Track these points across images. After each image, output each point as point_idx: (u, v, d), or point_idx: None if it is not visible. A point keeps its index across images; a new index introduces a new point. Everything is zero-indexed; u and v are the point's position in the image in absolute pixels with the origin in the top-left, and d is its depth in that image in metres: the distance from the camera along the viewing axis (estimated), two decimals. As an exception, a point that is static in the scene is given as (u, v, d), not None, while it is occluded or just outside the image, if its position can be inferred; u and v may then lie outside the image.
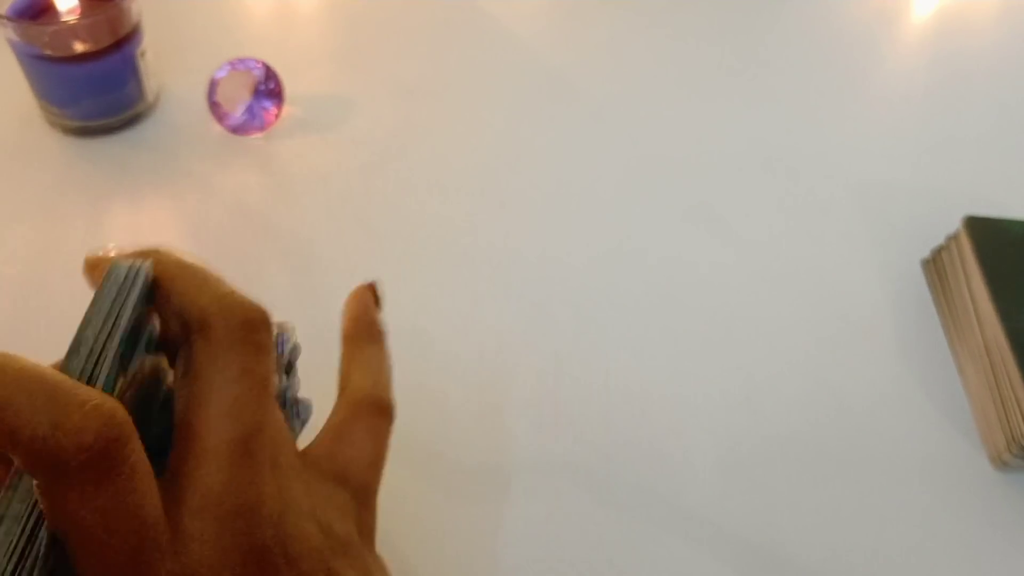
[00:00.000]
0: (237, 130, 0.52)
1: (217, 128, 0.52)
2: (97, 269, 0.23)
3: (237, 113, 0.51)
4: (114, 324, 0.20)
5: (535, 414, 0.41)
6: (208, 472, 0.20)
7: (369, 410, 0.26)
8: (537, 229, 0.49)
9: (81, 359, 0.20)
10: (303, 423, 0.27)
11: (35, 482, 0.18)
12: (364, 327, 0.29)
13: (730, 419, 0.42)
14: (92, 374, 0.20)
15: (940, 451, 0.42)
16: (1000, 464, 0.41)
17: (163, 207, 0.49)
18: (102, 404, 0.18)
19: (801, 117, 0.57)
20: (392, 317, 0.45)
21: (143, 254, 0.23)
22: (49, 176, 0.49)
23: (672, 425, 0.41)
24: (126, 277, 0.21)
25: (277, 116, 0.52)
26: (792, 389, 0.43)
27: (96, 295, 0.21)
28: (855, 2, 0.67)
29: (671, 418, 0.42)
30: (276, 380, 0.23)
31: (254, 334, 0.22)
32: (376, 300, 0.30)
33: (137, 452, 0.18)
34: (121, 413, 0.18)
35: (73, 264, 0.46)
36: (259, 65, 0.51)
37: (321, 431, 0.26)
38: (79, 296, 0.46)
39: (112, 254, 0.23)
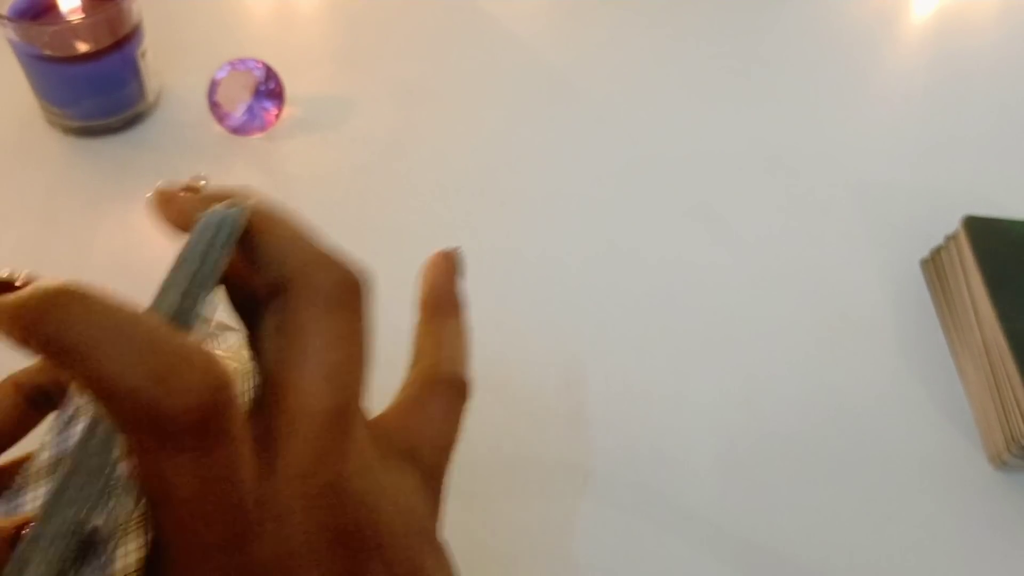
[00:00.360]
0: (237, 130, 0.52)
1: (217, 128, 0.52)
2: (171, 205, 0.20)
3: (237, 113, 0.51)
4: (204, 280, 0.18)
5: (534, 414, 0.41)
6: (303, 440, 0.18)
7: (446, 387, 0.24)
8: (537, 229, 0.49)
9: (170, 310, 0.18)
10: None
11: (124, 439, 0.16)
12: (443, 297, 0.27)
13: (730, 419, 0.42)
14: (182, 328, 0.18)
15: (940, 451, 0.42)
16: (1000, 464, 0.41)
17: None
18: (212, 361, 0.16)
19: (801, 117, 0.57)
20: (390, 316, 0.45)
21: (229, 195, 0.20)
22: (49, 176, 0.50)
23: (672, 424, 0.42)
24: (218, 225, 0.19)
25: (277, 116, 0.52)
26: (792, 389, 0.43)
27: (188, 240, 0.19)
28: (855, 2, 0.67)
29: (671, 417, 0.42)
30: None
31: (355, 298, 0.20)
32: (456, 267, 0.28)
33: (241, 419, 0.17)
34: (227, 374, 0.16)
35: (72, 264, 0.46)
36: (259, 65, 0.51)
37: (392, 403, 0.24)
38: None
39: (195, 187, 0.21)
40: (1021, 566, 0.38)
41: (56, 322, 0.15)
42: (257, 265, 0.20)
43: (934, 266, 0.48)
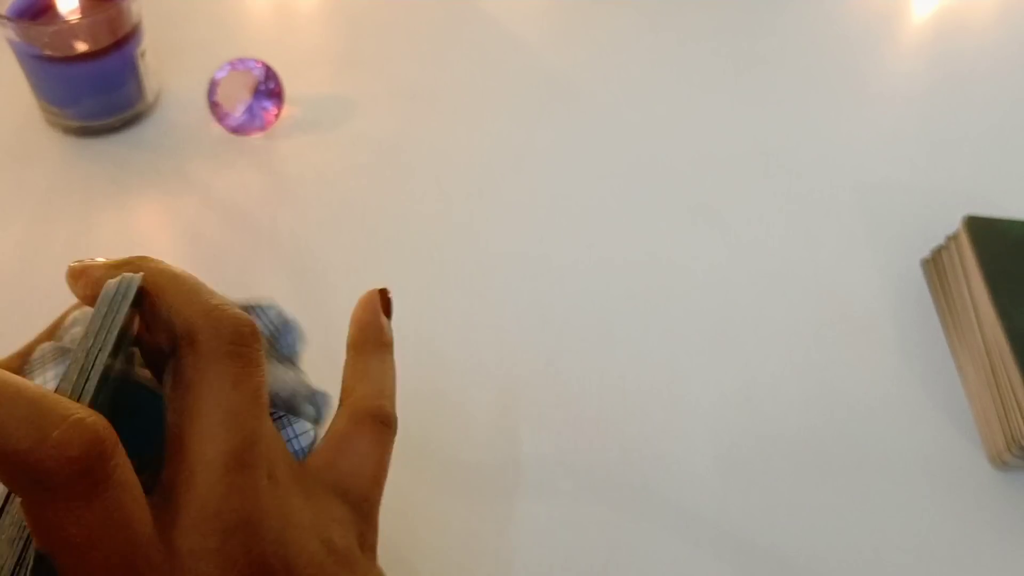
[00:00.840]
0: (237, 130, 0.52)
1: (217, 128, 0.52)
2: (82, 278, 0.22)
3: (237, 113, 0.51)
4: (104, 340, 0.20)
5: (534, 414, 0.41)
6: (203, 485, 0.19)
7: (372, 421, 0.25)
8: (537, 229, 0.49)
9: (71, 377, 0.19)
10: (318, 415, 0.27)
11: (19, 500, 0.17)
12: (371, 335, 0.28)
13: (730, 419, 0.42)
14: (82, 391, 0.19)
15: (940, 451, 0.42)
16: (1000, 464, 0.41)
17: (163, 207, 0.49)
18: (85, 418, 0.17)
19: (802, 117, 0.57)
20: (394, 317, 0.45)
21: (130, 264, 0.22)
22: (49, 176, 0.50)
23: (672, 425, 0.42)
24: (116, 291, 0.21)
25: (277, 116, 0.52)
26: (792, 389, 0.43)
27: (96, 308, 0.21)
28: (855, 3, 0.67)
29: (671, 418, 0.42)
30: (267, 390, 0.22)
31: (244, 346, 0.21)
32: (386, 306, 0.29)
33: (123, 467, 0.18)
34: (105, 427, 0.17)
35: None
36: (259, 65, 0.51)
37: (321, 441, 0.25)
38: (75, 297, 0.46)
39: (98, 261, 0.22)
40: (1021, 565, 0.38)
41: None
42: (152, 327, 0.21)
43: (935, 266, 0.48)
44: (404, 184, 0.51)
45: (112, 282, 0.21)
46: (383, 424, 0.25)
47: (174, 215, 0.49)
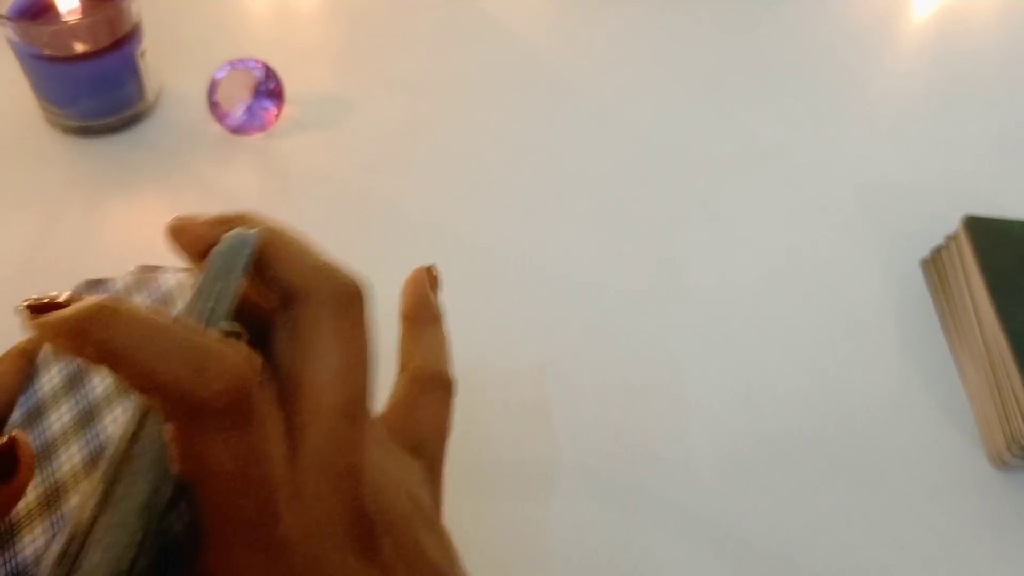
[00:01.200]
0: (237, 130, 0.52)
1: (217, 128, 0.52)
2: (184, 235, 0.23)
3: (237, 113, 0.51)
4: (228, 290, 0.21)
5: (534, 414, 0.42)
6: (319, 431, 0.20)
7: (434, 384, 0.27)
8: (537, 228, 0.50)
9: (200, 317, 0.20)
10: None
11: (168, 426, 0.18)
12: (423, 308, 0.30)
13: (731, 418, 0.42)
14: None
15: (940, 451, 0.42)
16: (1000, 464, 0.41)
17: (163, 206, 0.49)
18: (241, 353, 0.19)
19: (802, 117, 0.57)
20: (392, 316, 0.45)
21: (235, 220, 0.23)
22: (49, 176, 0.50)
23: (673, 425, 0.42)
24: (239, 245, 0.22)
25: (277, 116, 0.52)
26: (792, 389, 0.43)
27: (211, 260, 0.21)
28: (855, 3, 0.67)
29: (672, 418, 0.42)
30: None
31: (356, 304, 0.22)
32: (433, 282, 0.31)
33: (269, 402, 0.19)
34: (257, 363, 0.19)
35: (73, 263, 0.46)
36: (259, 65, 0.51)
37: (388, 404, 0.26)
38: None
39: (200, 217, 0.23)
40: (1021, 565, 0.38)
41: (104, 330, 0.17)
42: (267, 281, 0.22)
43: (934, 266, 0.48)
44: (404, 183, 0.51)
45: (236, 235, 0.22)
46: (445, 386, 0.28)
47: (175, 213, 0.49)
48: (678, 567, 0.37)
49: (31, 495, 0.23)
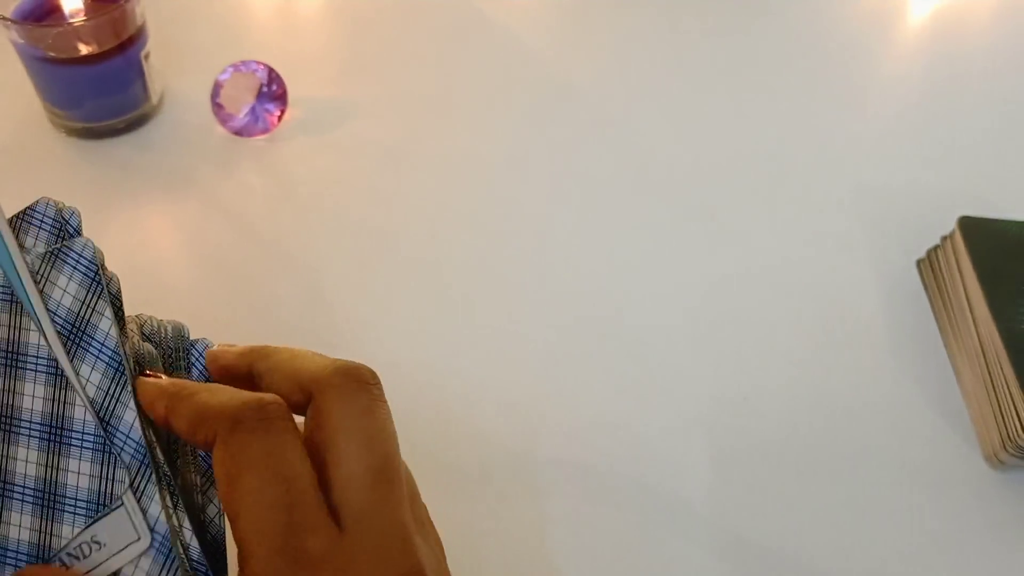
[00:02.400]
0: (240, 132, 0.52)
1: (220, 130, 0.52)
2: (214, 363, 0.28)
3: (240, 115, 0.51)
4: None
5: (534, 415, 0.42)
6: (356, 496, 0.22)
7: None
8: (538, 231, 0.50)
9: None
10: None
11: (215, 451, 0.22)
12: (247, 353, 0.28)
13: (726, 418, 0.42)
14: None
15: (936, 450, 0.42)
16: (996, 463, 0.41)
17: (167, 208, 0.49)
18: (265, 395, 0.24)
19: (798, 120, 0.58)
20: (392, 318, 0.45)
21: (255, 351, 0.27)
22: (53, 177, 0.50)
23: (668, 424, 0.42)
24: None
25: (280, 119, 0.53)
26: (789, 389, 0.44)
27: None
28: (851, 5, 0.67)
29: (667, 417, 0.42)
30: None
31: (369, 384, 0.25)
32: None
33: (293, 427, 0.23)
34: (281, 402, 0.23)
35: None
36: (262, 68, 0.51)
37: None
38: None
39: (231, 349, 0.28)
40: (1017, 565, 0.39)
41: (188, 396, 0.24)
42: (281, 391, 0.25)
43: (930, 266, 0.48)
44: (406, 186, 0.52)
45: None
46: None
47: (178, 216, 0.49)
48: (675, 566, 0.37)
49: None
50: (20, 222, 0.28)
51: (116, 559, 0.24)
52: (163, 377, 0.27)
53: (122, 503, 0.24)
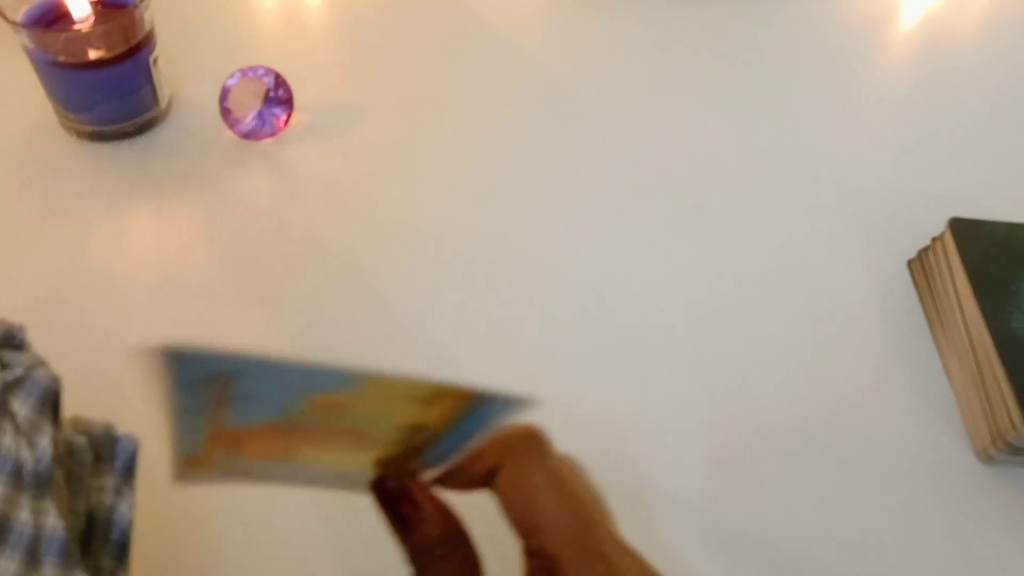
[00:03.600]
0: (248, 136, 0.53)
1: (228, 134, 0.53)
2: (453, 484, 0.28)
3: (248, 119, 0.52)
4: None
5: (530, 411, 0.42)
6: (571, 562, 0.24)
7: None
8: (539, 231, 0.50)
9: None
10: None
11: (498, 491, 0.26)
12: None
13: (720, 416, 0.43)
14: None
15: (927, 446, 0.42)
16: (986, 459, 0.41)
17: (176, 209, 0.50)
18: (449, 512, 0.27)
19: (789, 121, 0.58)
20: (399, 317, 0.46)
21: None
22: (65, 179, 0.50)
23: (664, 421, 0.42)
24: None
25: (287, 122, 0.54)
26: (782, 387, 0.44)
27: None
28: (842, 8, 0.67)
29: (663, 414, 0.43)
30: None
31: (537, 440, 0.27)
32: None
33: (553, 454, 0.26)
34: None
35: (88, 267, 0.47)
36: (269, 73, 0.52)
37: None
38: (92, 298, 0.47)
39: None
40: (1008, 559, 0.39)
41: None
42: (472, 480, 0.27)
43: (921, 267, 0.49)
44: (412, 188, 0.52)
45: None
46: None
47: (187, 218, 0.50)
48: (669, 560, 0.38)
49: None
50: None
51: None
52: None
53: None
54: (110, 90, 0.50)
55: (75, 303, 0.45)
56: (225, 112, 0.52)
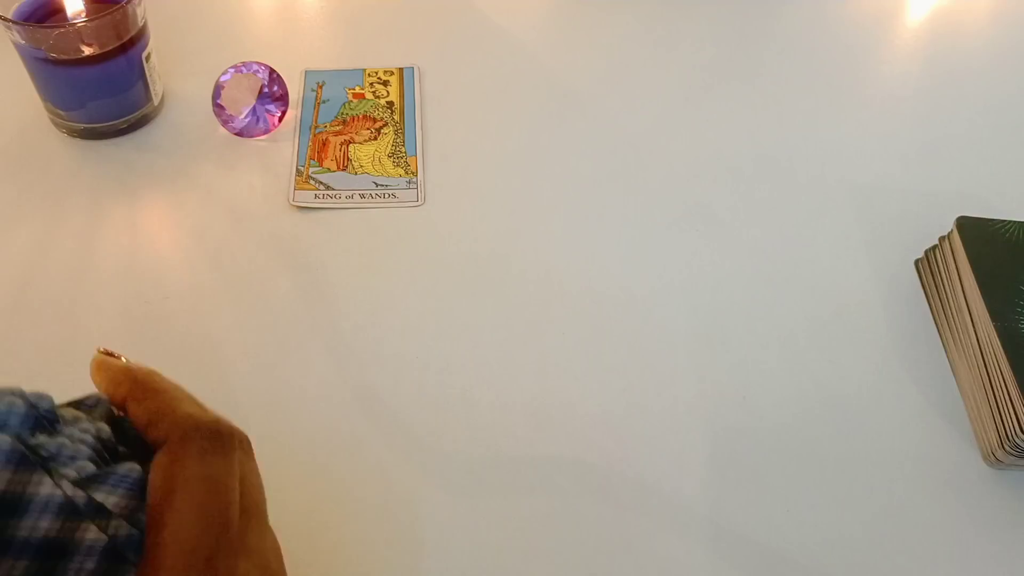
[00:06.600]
0: (241, 133, 0.52)
1: (221, 130, 0.52)
2: (100, 370, 0.26)
3: (241, 116, 0.52)
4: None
5: (532, 411, 0.42)
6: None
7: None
8: (537, 230, 0.50)
9: None
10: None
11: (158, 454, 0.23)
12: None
13: (725, 417, 0.42)
14: None
15: (934, 449, 0.42)
16: (994, 461, 0.41)
17: (168, 208, 0.49)
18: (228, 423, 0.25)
19: (796, 119, 0.58)
20: (390, 317, 0.45)
21: (133, 380, 0.26)
22: (55, 178, 0.50)
23: (667, 421, 0.42)
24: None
25: (280, 119, 0.53)
26: (788, 388, 0.44)
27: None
28: (848, 5, 0.67)
29: (666, 414, 0.42)
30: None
31: (224, 446, 0.25)
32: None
33: (242, 462, 0.24)
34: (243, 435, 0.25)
35: (78, 265, 0.46)
36: (263, 69, 0.51)
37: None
38: (83, 296, 0.47)
39: (118, 362, 0.27)
40: (1014, 563, 0.39)
41: (150, 376, 0.26)
42: (144, 428, 0.25)
43: (928, 266, 0.48)
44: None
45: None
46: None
47: (179, 215, 0.49)
48: (672, 561, 0.37)
49: None
50: None
51: None
52: (124, 359, 0.27)
53: None
54: (102, 87, 0.49)
55: (62, 301, 0.44)
56: (218, 109, 0.51)
